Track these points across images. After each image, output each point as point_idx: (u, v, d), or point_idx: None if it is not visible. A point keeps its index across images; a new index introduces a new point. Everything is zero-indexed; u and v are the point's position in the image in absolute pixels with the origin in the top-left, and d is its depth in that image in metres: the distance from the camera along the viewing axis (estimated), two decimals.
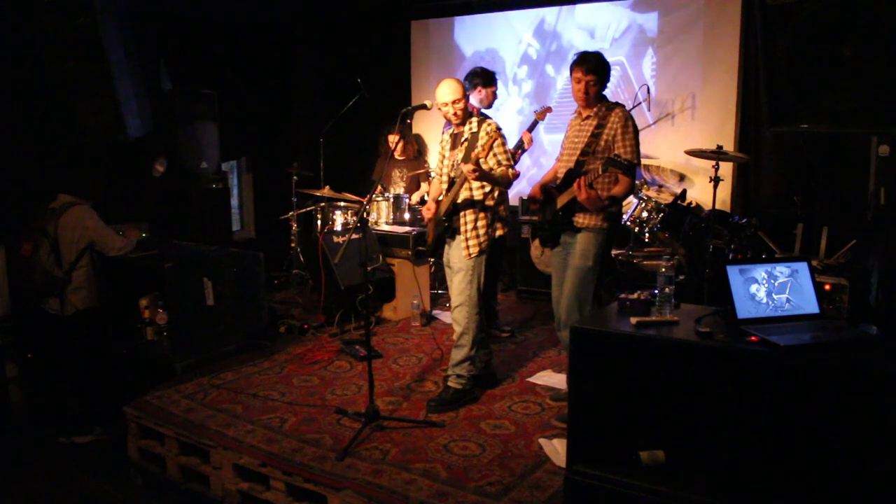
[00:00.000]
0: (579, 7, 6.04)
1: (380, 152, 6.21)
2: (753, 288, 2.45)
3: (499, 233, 3.82)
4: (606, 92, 3.61)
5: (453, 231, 3.76)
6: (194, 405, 3.80)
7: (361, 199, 5.78)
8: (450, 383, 3.76)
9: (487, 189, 3.70)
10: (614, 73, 5.82)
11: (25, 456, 3.98)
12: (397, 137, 5.30)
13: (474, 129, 3.70)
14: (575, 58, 3.52)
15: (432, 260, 5.46)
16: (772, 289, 2.46)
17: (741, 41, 5.28)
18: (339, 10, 6.99)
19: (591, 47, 5.60)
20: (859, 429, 2.20)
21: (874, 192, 4.21)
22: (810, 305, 2.48)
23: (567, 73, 3.61)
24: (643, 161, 5.20)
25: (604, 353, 2.53)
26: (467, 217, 3.69)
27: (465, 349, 3.72)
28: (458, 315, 3.74)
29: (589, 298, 3.52)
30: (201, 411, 3.72)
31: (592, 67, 3.45)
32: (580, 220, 3.52)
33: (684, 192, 4.85)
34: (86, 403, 4.14)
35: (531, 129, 5.24)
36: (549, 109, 5.27)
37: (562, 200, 3.55)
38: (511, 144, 4.93)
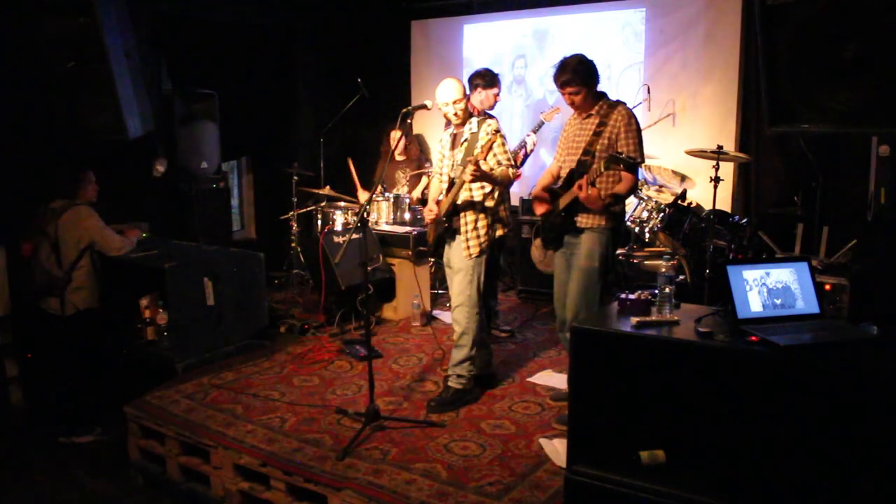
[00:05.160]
0: (579, 7, 6.03)
1: (380, 152, 6.21)
2: (754, 288, 2.45)
3: (499, 233, 3.82)
4: (606, 90, 3.61)
5: (453, 231, 3.75)
6: (194, 405, 3.80)
7: (355, 198, 5.81)
8: (450, 383, 3.76)
9: (487, 189, 3.70)
10: (614, 74, 5.84)
11: (25, 456, 3.98)
12: (399, 134, 5.29)
13: (474, 130, 3.70)
14: (553, 71, 3.46)
15: (432, 260, 5.46)
16: (772, 289, 2.47)
17: (741, 41, 5.28)
18: (339, 10, 6.99)
19: (590, 48, 5.63)
20: (859, 428, 2.20)
21: (874, 192, 4.22)
22: (810, 305, 2.48)
23: None
24: (645, 161, 5.20)
25: (604, 353, 2.53)
26: (468, 217, 3.69)
27: (466, 349, 3.72)
28: (458, 315, 3.74)
29: (596, 299, 3.50)
30: (201, 411, 3.72)
31: (567, 80, 3.39)
32: (583, 220, 3.50)
33: (684, 192, 4.85)
34: (86, 403, 4.13)
35: (536, 130, 5.24)
36: (557, 110, 5.24)
37: (564, 201, 3.53)
38: (512, 146, 4.92)
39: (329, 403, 3.80)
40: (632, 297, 2.66)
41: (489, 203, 3.73)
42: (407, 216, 5.59)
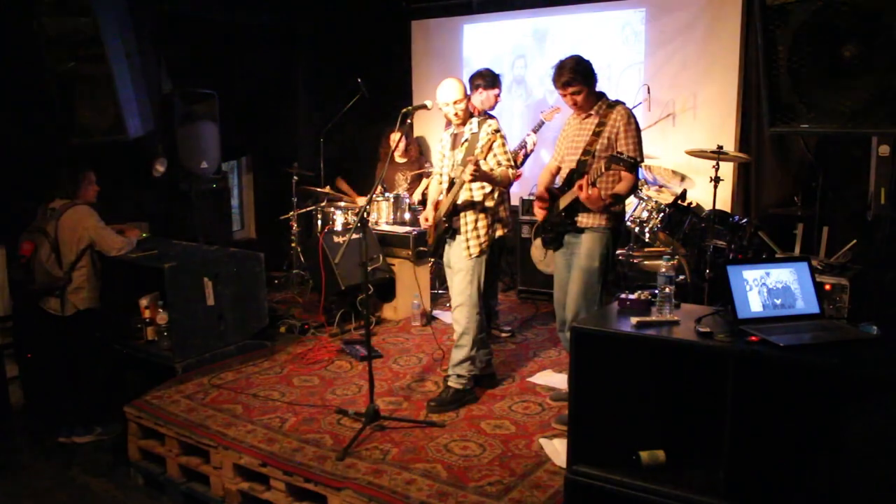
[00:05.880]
0: (579, 7, 6.03)
1: (380, 154, 6.21)
2: (754, 288, 2.45)
3: (499, 233, 3.82)
4: (606, 90, 3.60)
5: (454, 231, 3.76)
6: (194, 405, 3.80)
7: (355, 194, 5.81)
8: (450, 383, 3.76)
9: (487, 189, 3.70)
10: (614, 74, 5.83)
11: (25, 456, 3.98)
12: (399, 137, 5.29)
13: (474, 130, 3.70)
14: (551, 73, 3.47)
15: (432, 260, 5.47)
16: (772, 289, 2.47)
17: (741, 41, 5.28)
18: (339, 10, 6.99)
19: (590, 48, 5.64)
20: (859, 428, 2.20)
21: (874, 192, 4.22)
22: (810, 305, 2.48)
23: None
24: (644, 161, 5.20)
25: (604, 353, 2.53)
26: (468, 217, 3.69)
27: (466, 349, 3.72)
28: (458, 315, 3.74)
29: (596, 299, 3.51)
30: (201, 411, 3.72)
31: (568, 80, 3.40)
32: (583, 220, 3.50)
33: (685, 192, 4.85)
34: (86, 403, 4.14)
35: (536, 129, 5.23)
36: (557, 110, 5.25)
37: (564, 201, 3.54)
38: (513, 146, 4.92)
39: (329, 403, 3.80)
40: (632, 297, 2.66)
41: (489, 203, 3.73)
42: (407, 216, 5.59)
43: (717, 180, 4.48)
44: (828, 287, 3.89)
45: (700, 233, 4.67)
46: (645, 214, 4.92)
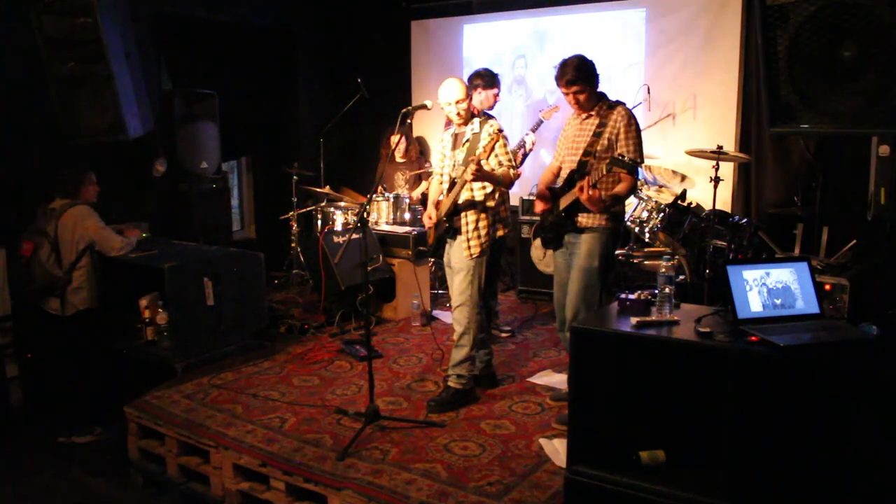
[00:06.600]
0: (579, 7, 6.03)
1: (380, 155, 6.21)
2: (754, 288, 2.45)
3: (500, 233, 3.82)
4: (606, 90, 3.60)
5: (454, 231, 3.76)
6: (194, 405, 3.80)
7: (360, 197, 5.80)
8: (450, 383, 3.76)
9: (488, 189, 3.70)
10: (614, 74, 5.83)
11: (25, 456, 3.99)
12: (399, 137, 5.30)
13: (476, 130, 3.71)
14: (555, 71, 3.48)
15: (432, 260, 5.47)
16: (772, 289, 2.47)
17: (741, 41, 5.28)
18: (339, 10, 6.99)
19: (590, 48, 5.63)
20: (859, 428, 2.20)
21: (874, 192, 4.22)
22: (810, 305, 2.48)
23: None
24: (644, 161, 5.20)
25: (604, 353, 2.53)
26: (468, 217, 3.69)
27: (466, 349, 3.72)
28: (458, 315, 3.74)
29: (596, 299, 3.50)
30: (201, 411, 3.72)
31: (572, 78, 3.40)
32: (583, 220, 3.50)
33: (684, 192, 4.85)
34: (86, 403, 4.14)
35: (535, 129, 5.23)
36: (556, 109, 5.25)
37: (565, 201, 3.53)
38: (512, 145, 4.92)
39: (329, 403, 3.80)
40: (632, 297, 2.67)
41: (490, 203, 3.73)
42: (407, 216, 5.59)
43: (717, 180, 4.48)
44: (828, 287, 3.89)
45: (700, 233, 4.66)
46: (645, 214, 4.92)
